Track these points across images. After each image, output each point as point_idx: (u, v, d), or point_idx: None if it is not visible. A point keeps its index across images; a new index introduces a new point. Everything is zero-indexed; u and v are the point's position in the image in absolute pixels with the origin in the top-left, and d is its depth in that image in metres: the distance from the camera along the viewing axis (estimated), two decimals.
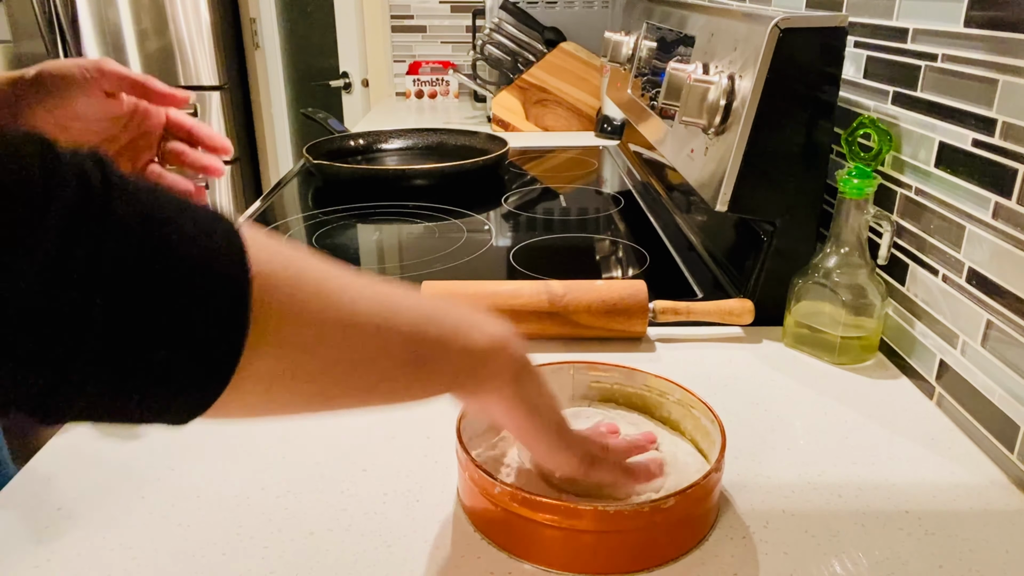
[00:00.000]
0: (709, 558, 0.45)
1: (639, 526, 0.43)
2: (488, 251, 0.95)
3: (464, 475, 0.48)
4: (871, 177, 0.64)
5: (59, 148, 0.26)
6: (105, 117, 0.64)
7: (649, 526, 0.44)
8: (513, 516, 0.45)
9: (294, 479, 0.53)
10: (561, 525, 0.43)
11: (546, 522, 0.43)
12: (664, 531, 0.44)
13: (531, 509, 0.44)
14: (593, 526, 0.43)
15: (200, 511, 0.49)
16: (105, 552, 0.46)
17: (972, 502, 0.51)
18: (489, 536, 0.47)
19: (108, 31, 2.35)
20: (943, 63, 0.61)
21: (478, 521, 0.48)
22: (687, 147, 0.82)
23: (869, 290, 0.66)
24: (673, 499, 0.43)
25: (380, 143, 1.48)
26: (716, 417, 0.51)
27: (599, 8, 1.93)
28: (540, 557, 0.45)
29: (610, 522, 0.43)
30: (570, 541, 0.44)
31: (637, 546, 0.44)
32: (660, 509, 0.43)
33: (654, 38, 1.09)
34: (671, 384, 0.55)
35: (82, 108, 0.62)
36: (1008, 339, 0.54)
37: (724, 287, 0.82)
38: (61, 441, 0.57)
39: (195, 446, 0.56)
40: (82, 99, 0.62)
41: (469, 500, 0.48)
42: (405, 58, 2.42)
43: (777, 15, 0.67)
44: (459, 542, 0.47)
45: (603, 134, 1.66)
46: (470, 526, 0.48)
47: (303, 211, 1.14)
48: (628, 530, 0.43)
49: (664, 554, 0.45)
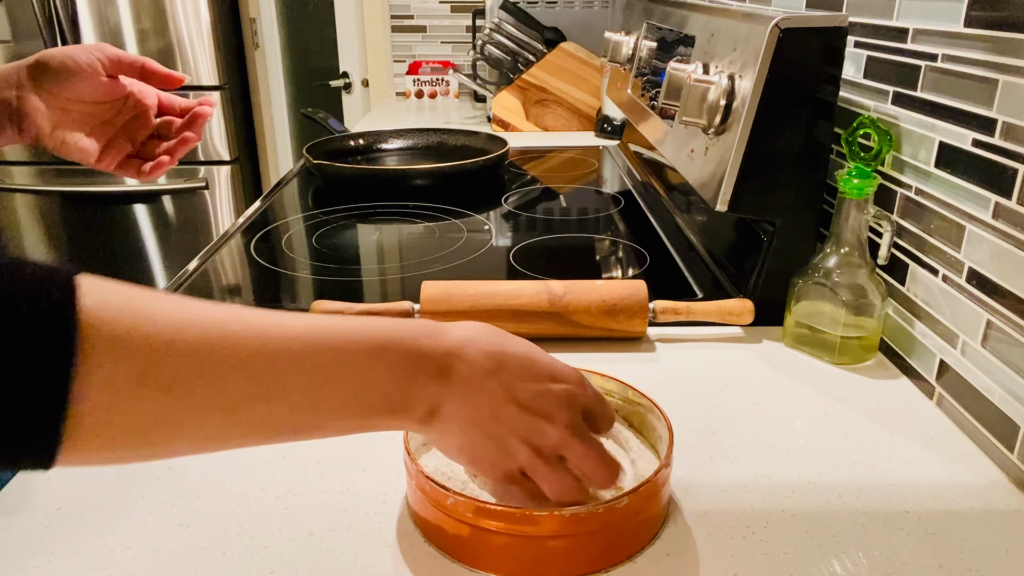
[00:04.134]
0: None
1: (593, 528, 0.43)
2: (488, 251, 0.95)
3: (412, 484, 0.47)
4: (871, 177, 0.64)
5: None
6: (105, 99, 0.66)
7: (605, 527, 0.44)
8: (465, 526, 0.44)
9: (294, 479, 0.53)
10: (513, 532, 0.43)
11: (498, 530, 0.43)
12: (619, 531, 0.45)
13: (484, 518, 0.43)
14: (550, 531, 0.43)
15: (200, 511, 0.49)
16: (105, 552, 0.46)
17: (972, 502, 0.51)
18: (441, 547, 0.46)
19: (108, 31, 2.35)
20: (943, 63, 0.61)
21: (429, 532, 0.47)
22: (687, 147, 0.82)
23: (869, 290, 0.66)
24: (627, 498, 0.43)
25: (380, 143, 1.48)
26: (662, 412, 0.51)
27: (599, 8, 1.93)
28: (493, 566, 0.44)
29: (567, 526, 0.43)
30: (526, 548, 0.44)
31: (593, 547, 0.44)
32: (615, 509, 0.43)
33: (654, 38, 1.09)
34: (618, 383, 0.55)
35: (84, 91, 0.64)
36: (1008, 339, 0.54)
37: (724, 287, 0.82)
38: None
39: None
40: (84, 82, 0.63)
41: (420, 511, 0.47)
42: (405, 58, 2.42)
43: (777, 15, 0.67)
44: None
45: (603, 134, 1.66)
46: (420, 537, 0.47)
47: (303, 211, 1.14)
48: (583, 533, 0.43)
49: (618, 554, 0.45)
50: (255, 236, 1.02)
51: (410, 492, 0.49)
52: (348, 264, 0.93)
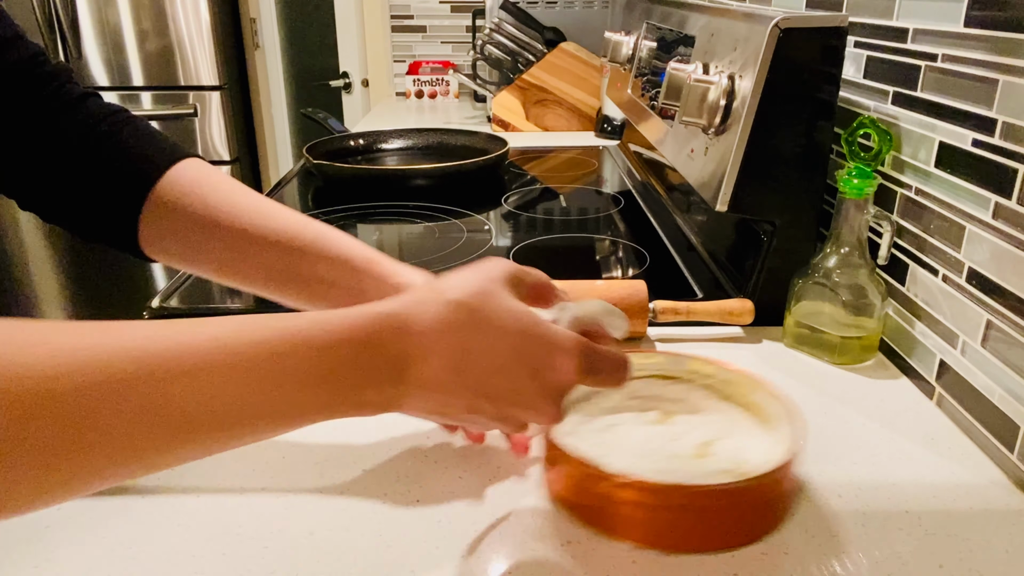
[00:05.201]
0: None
1: (720, 504, 0.46)
2: (488, 251, 0.95)
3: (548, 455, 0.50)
4: (871, 177, 0.64)
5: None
6: None
7: (729, 506, 0.46)
8: (606, 497, 0.47)
9: (294, 479, 0.53)
10: (644, 502, 0.46)
11: (628, 499, 0.46)
12: (741, 512, 0.47)
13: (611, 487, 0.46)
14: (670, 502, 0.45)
15: (200, 511, 0.49)
16: (105, 552, 0.46)
17: (972, 502, 0.51)
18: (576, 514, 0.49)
19: (108, 31, 2.35)
20: (943, 63, 0.61)
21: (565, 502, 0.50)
22: (687, 147, 0.82)
23: (869, 290, 0.66)
24: (751, 481, 0.45)
25: (380, 143, 1.48)
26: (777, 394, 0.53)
27: (599, 8, 1.93)
28: (624, 533, 0.47)
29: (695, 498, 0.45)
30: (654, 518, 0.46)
31: (714, 525, 0.46)
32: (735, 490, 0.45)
33: (654, 38, 1.09)
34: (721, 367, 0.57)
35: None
36: (1008, 339, 0.54)
37: (724, 287, 0.82)
38: None
39: None
40: None
41: (556, 485, 0.50)
42: (405, 58, 2.42)
43: (777, 15, 0.67)
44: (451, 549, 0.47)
45: (603, 134, 1.66)
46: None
47: (303, 211, 1.14)
48: (718, 507, 0.46)
49: (738, 537, 0.47)
50: None
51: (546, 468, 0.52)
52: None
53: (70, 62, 2.37)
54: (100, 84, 2.39)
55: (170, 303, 0.76)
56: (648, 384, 0.58)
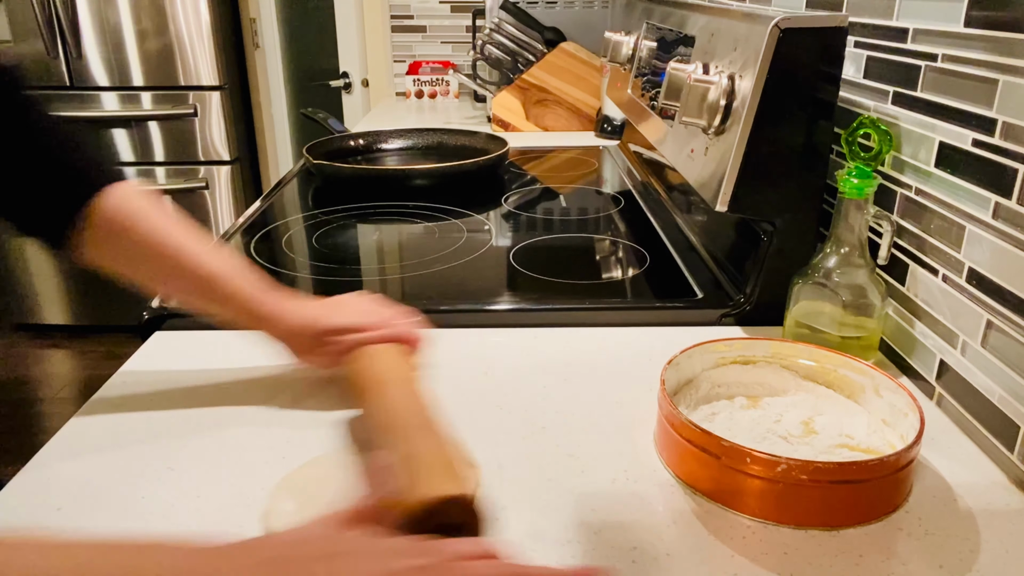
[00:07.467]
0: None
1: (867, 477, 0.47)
2: (488, 251, 0.95)
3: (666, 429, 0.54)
4: (871, 177, 0.64)
5: None
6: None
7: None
8: (734, 471, 0.49)
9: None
10: (766, 476, 0.48)
11: (754, 473, 0.48)
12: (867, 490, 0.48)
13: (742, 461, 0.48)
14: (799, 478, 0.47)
15: (200, 511, 0.49)
16: None
17: (972, 502, 0.51)
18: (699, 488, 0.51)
19: (108, 31, 2.35)
20: (943, 63, 0.61)
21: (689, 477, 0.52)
22: (687, 147, 0.82)
23: (869, 290, 0.66)
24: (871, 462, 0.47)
25: (380, 143, 1.48)
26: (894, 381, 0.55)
27: (599, 8, 1.93)
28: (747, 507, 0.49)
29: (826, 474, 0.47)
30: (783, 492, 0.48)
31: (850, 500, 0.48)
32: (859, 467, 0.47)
33: (654, 38, 1.09)
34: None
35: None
36: (1008, 339, 0.54)
37: (724, 287, 0.82)
38: (61, 441, 0.57)
39: (195, 446, 0.56)
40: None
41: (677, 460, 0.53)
42: (405, 58, 2.42)
43: (777, 15, 0.67)
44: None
45: (603, 134, 1.66)
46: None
47: (303, 211, 1.14)
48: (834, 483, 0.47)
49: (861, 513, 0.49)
50: (255, 236, 1.02)
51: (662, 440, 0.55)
52: (348, 264, 0.93)
53: (70, 62, 2.37)
54: (100, 84, 2.39)
55: (170, 303, 0.76)
56: (723, 371, 0.62)
